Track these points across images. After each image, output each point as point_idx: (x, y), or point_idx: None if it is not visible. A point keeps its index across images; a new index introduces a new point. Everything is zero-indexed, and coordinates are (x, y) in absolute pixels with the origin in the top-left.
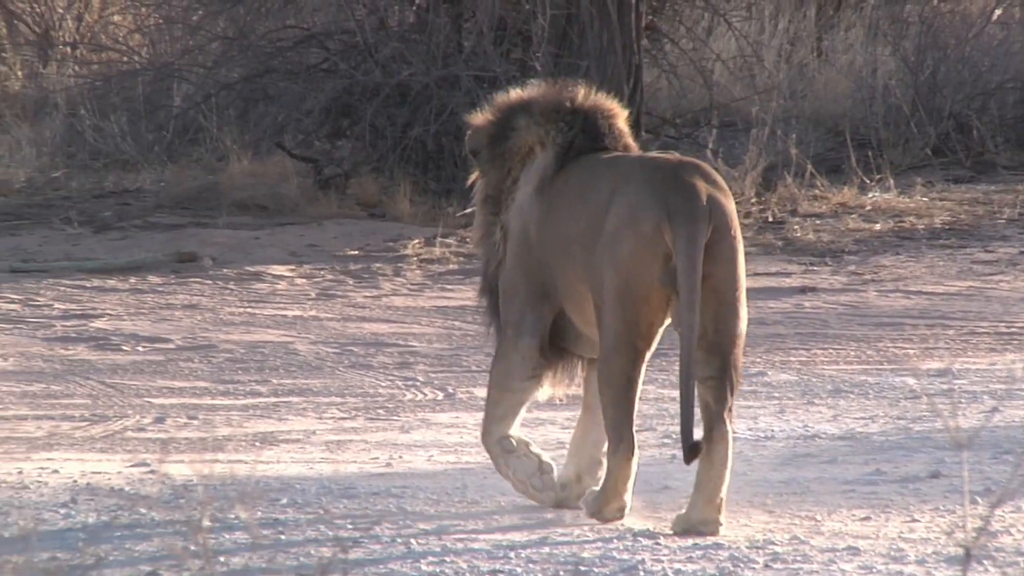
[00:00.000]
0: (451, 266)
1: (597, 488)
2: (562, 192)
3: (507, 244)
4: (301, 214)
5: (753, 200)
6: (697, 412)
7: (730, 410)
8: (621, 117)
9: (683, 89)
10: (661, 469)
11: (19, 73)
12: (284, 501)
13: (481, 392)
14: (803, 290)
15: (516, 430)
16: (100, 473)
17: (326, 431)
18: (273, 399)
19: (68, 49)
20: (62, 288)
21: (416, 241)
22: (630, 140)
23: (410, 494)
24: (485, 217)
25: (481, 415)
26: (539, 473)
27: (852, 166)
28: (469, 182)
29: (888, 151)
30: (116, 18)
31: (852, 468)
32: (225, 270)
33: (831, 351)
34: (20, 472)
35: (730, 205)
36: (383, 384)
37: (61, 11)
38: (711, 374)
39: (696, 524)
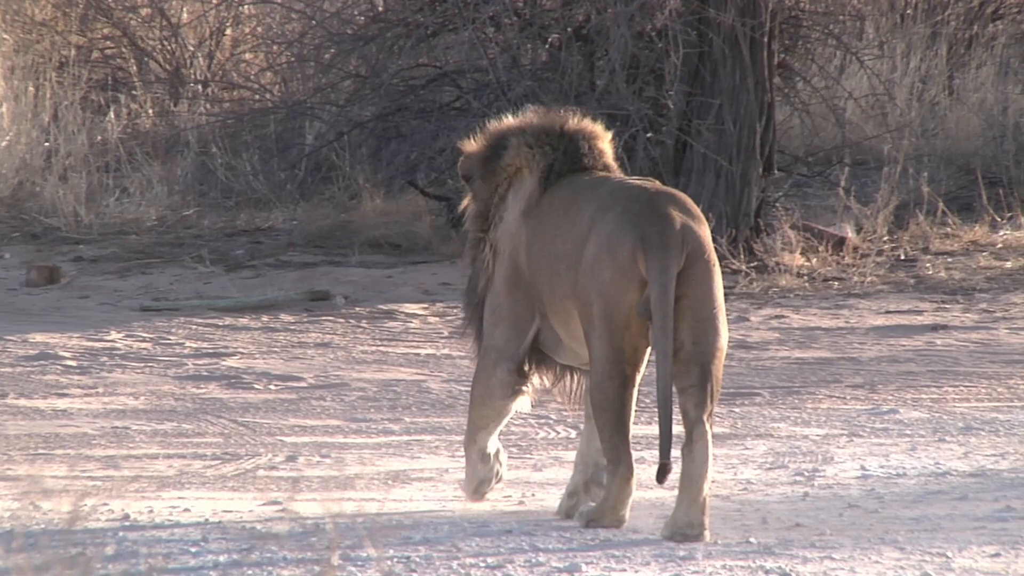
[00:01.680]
0: None
1: (592, 504)
2: (548, 212)
3: (496, 264)
4: (434, 252)
5: (885, 238)
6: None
7: (710, 415)
8: (603, 139)
9: (815, 127)
10: (792, 507)
11: (150, 111)
12: (416, 539)
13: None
14: (935, 327)
15: (495, 440)
16: (231, 511)
17: (459, 469)
18: (405, 437)
19: (199, 87)
20: (194, 326)
21: None
22: (610, 160)
23: (542, 532)
24: (474, 234)
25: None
26: (488, 483)
27: (983, 204)
28: (461, 207)
29: (1019, 189)
30: (248, 56)
31: (983, 505)
32: (357, 308)
33: (962, 388)
34: (151, 511)
35: (703, 231)
36: (515, 422)
37: (192, 49)
38: (691, 383)
39: (682, 527)
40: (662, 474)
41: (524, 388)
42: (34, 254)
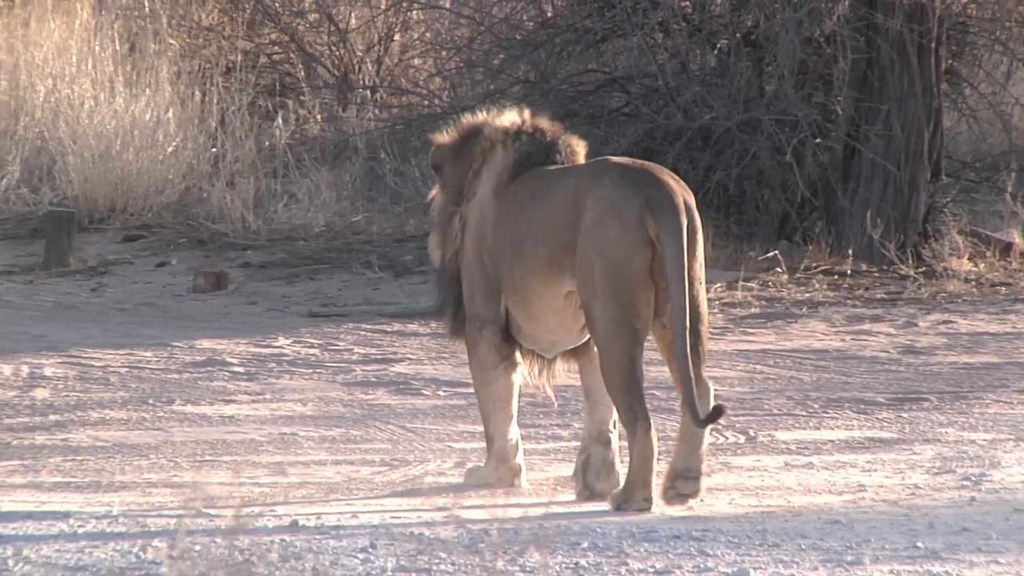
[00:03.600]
0: (753, 310)
1: (619, 487)
2: (515, 197)
3: (465, 237)
4: None
5: None
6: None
7: (704, 370)
8: (580, 150)
9: (982, 133)
10: (959, 511)
11: (318, 117)
12: (584, 545)
13: (783, 436)
14: None
15: (515, 428)
16: (399, 518)
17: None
18: (574, 443)
19: (368, 92)
20: (362, 332)
21: (718, 285)
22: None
23: (711, 537)
24: (446, 206)
25: (783, 458)
26: (518, 474)
27: None
28: (429, 198)
29: None
30: (416, 62)
31: None
32: None
33: None
34: (318, 517)
35: (692, 200)
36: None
37: (361, 54)
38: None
39: (681, 471)
40: (715, 416)
41: (514, 356)
42: (201, 260)
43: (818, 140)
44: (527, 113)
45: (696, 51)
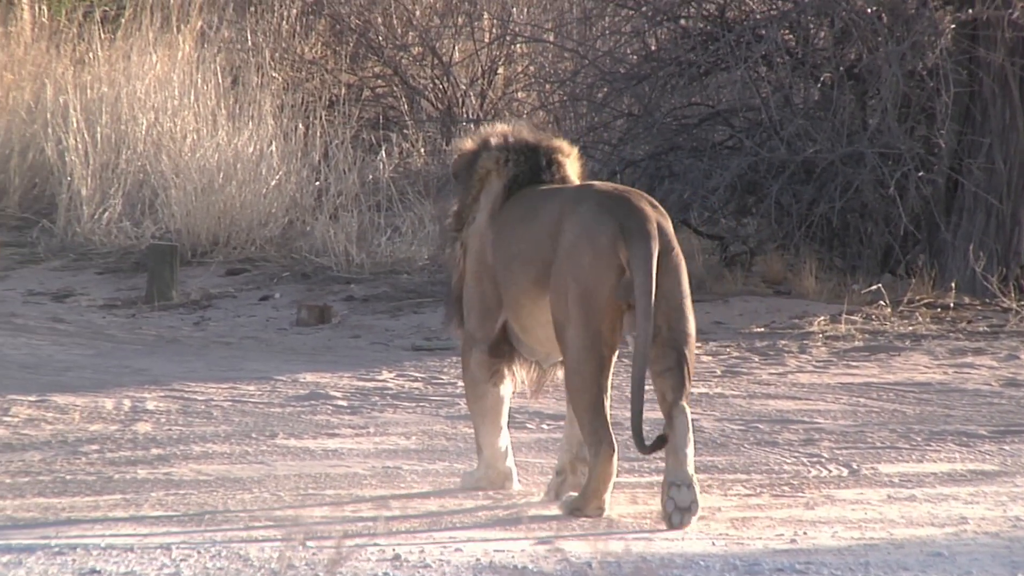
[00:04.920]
0: (856, 343)
1: (574, 493)
2: (509, 217)
3: (466, 260)
4: (707, 291)
5: None
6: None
7: (687, 396)
8: (569, 159)
9: None
10: None
11: (422, 150)
12: None
13: (886, 468)
14: None
15: (506, 436)
16: (503, 551)
17: (731, 508)
18: None
19: (472, 126)
20: None
21: (822, 318)
22: (573, 179)
23: (814, 570)
24: (450, 232)
25: (886, 491)
26: (508, 478)
27: None
28: (449, 206)
29: None
30: (520, 95)
31: None
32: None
33: None
34: (421, 551)
35: (669, 225)
36: (788, 461)
37: (464, 87)
38: (669, 366)
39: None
40: (658, 445)
41: (502, 371)
42: (305, 293)
43: (921, 173)
44: (513, 129)
45: (799, 84)
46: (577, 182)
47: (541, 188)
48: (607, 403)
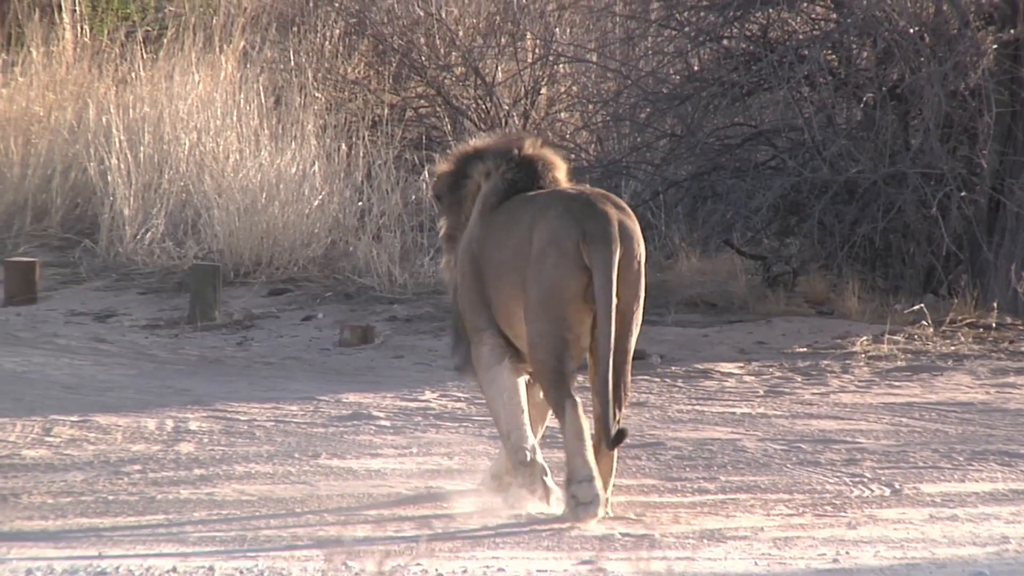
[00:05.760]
0: (899, 363)
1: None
2: (495, 227)
3: (462, 272)
4: (750, 311)
5: None
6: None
7: (620, 409)
8: (558, 167)
9: None
10: None
11: None
12: None
13: (928, 488)
14: None
15: (532, 436)
16: (545, 571)
17: (773, 528)
18: (720, 496)
19: None
20: None
21: (864, 338)
22: (561, 183)
23: None
24: (448, 253)
25: (928, 510)
26: (536, 477)
27: None
28: (439, 227)
29: None
30: (563, 115)
31: None
32: (673, 368)
33: None
34: (464, 570)
35: (636, 229)
36: (830, 480)
37: (507, 107)
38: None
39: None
40: (618, 440)
41: (514, 356)
42: (347, 314)
43: (963, 193)
44: (517, 139)
45: (842, 104)
46: (565, 185)
47: (525, 195)
48: (570, 377)
